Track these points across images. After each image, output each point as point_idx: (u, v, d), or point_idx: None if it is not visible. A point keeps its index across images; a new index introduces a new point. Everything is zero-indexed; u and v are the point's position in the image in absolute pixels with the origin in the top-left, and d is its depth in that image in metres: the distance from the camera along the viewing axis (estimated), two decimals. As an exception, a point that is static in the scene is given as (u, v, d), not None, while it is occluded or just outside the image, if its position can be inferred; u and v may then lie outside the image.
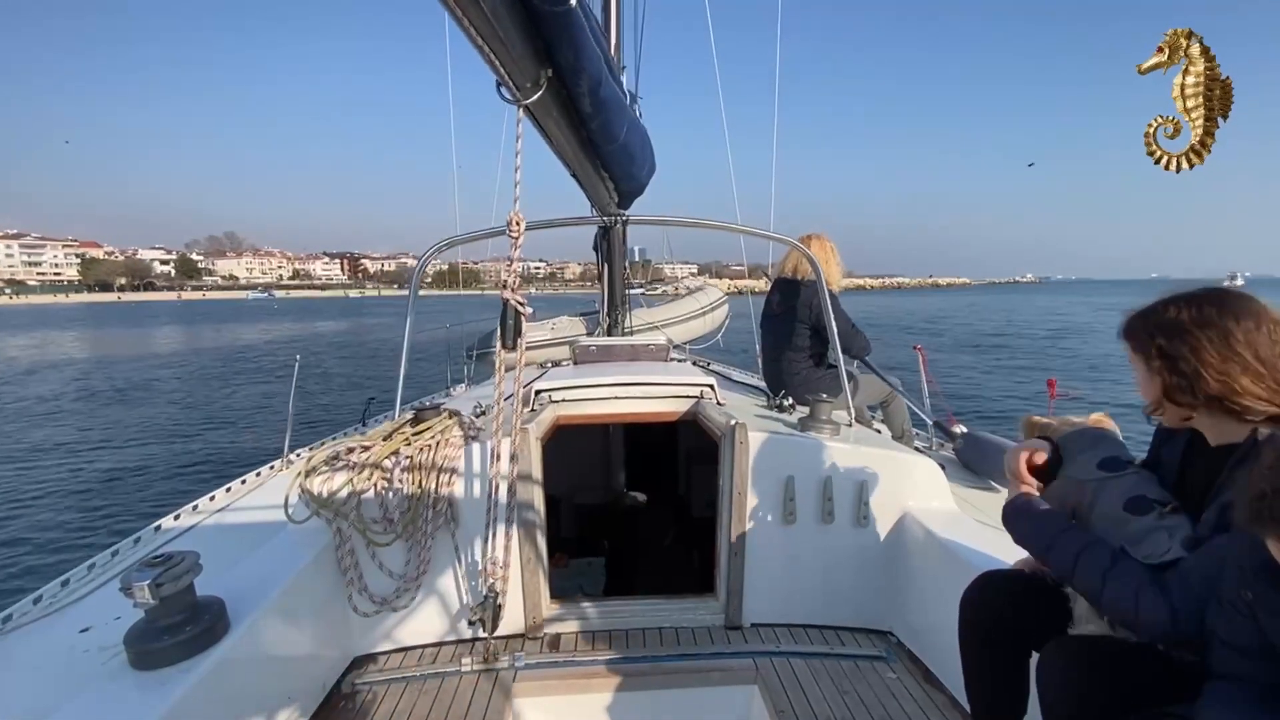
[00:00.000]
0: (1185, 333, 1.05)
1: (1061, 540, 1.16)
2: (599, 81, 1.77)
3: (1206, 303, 1.06)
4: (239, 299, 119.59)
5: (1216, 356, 1.02)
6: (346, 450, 1.99)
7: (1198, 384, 1.03)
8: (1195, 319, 1.05)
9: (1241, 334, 1.02)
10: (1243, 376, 1.00)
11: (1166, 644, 1.06)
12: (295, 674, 1.65)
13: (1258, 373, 1.00)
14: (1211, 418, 1.07)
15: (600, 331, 4.75)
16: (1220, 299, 1.07)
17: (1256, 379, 1.00)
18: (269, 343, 30.74)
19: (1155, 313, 1.12)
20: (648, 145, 3.19)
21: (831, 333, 2.94)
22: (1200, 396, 1.04)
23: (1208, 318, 1.04)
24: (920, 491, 2.14)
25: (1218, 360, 1.02)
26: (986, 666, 1.38)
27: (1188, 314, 1.06)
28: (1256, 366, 1.00)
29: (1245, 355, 1.01)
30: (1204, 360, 1.02)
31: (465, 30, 1.25)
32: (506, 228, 1.67)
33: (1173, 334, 1.07)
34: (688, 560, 3.09)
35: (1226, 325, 1.03)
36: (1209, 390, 1.03)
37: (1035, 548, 1.22)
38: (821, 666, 1.94)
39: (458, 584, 2.05)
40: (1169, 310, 1.09)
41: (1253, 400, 1.01)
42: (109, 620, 1.77)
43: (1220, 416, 1.06)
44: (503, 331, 1.66)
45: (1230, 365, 1.01)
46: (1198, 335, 1.04)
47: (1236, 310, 1.04)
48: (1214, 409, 1.05)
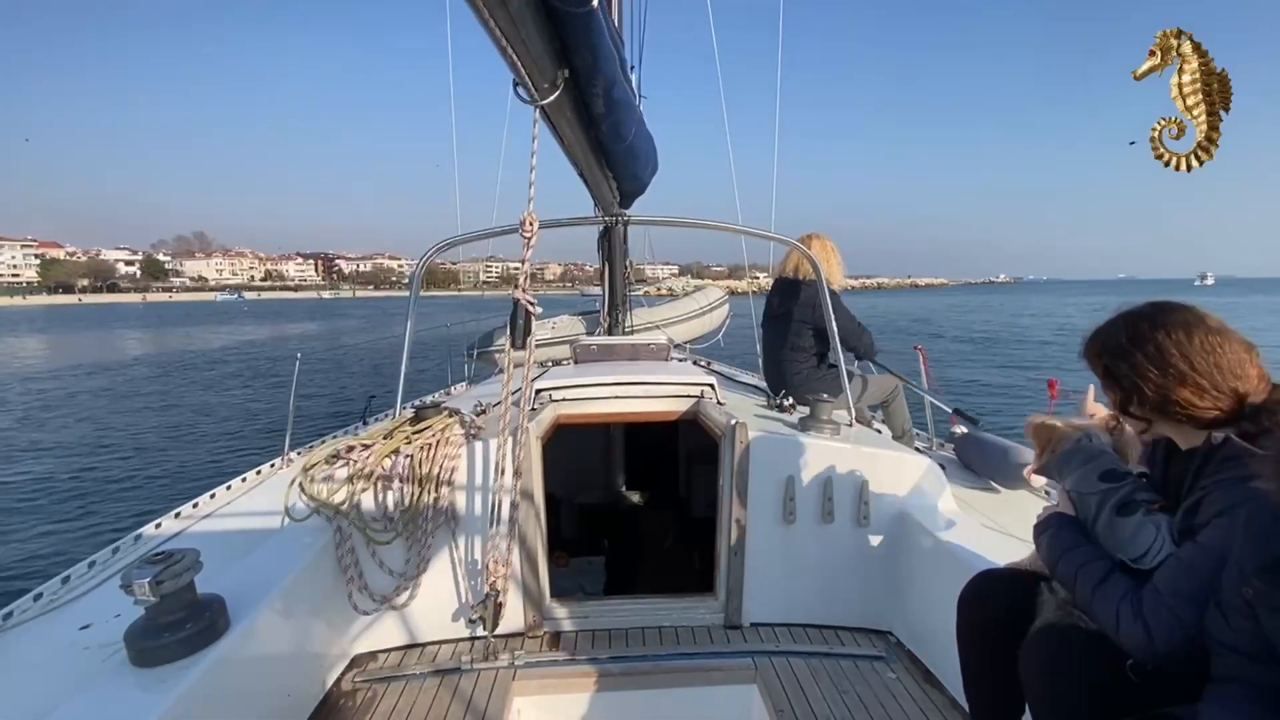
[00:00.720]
0: (1125, 352, 1.09)
1: (1070, 554, 1.18)
2: (613, 82, 1.77)
3: (1142, 319, 1.10)
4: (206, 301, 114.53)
5: (1155, 372, 1.06)
6: (346, 449, 1.99)
7: (1142, 398, 1.08)
8: (1132, 337, 1.09)
9: (1174, 348, 1.05)
10: (1181, 389, 1.04)
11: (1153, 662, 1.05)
12: (295, 672, 1.66)
13: (1196, 385, 1.03)
14: (1169, 426, 1.11)
15: (601, 331, 4.75)
16: (1154, 314, 1.10)
17: (1196, 391, 1.03)
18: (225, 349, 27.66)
19: (1100, 334, 1.16)
20: (652, 145, 3.20)
21: (832, 332, 2.94)
22: (1147, 409, 1.09)
23: (1141, 334, 1.08)
24: (920, 491, 2.14)
25: (1156, 376, 1.05)
26: (984, 665, 1.39)
27: (1125, 333, 1.10)
28: (1195, 378, 1.03)
29: (1181, 368, 1.04)
30: (1144, 376, 1.07)
31: (490, 31, 1.26)
32: (520, 227, 1.66)
33: (1115, 354, 1.11)
34: (688, 560, 3.09)
35: (1160, 341, 1.06)
36: (1152, 404, 1.07)
37: (1050, 559, 1.24)
38: (821, 666, 1.94)
39: (458, 582, 2.05)
40: (1110, 330, 1.14)
41: (1197, 411, 1.04)
42: (109, 618, 1.77)
43: (1175, 425, 1.09)
44: (512, 330, 1.66)
45: (1168, 379, 1.05)
46: (1134, 353, 1.08)
47: (1169, 324, 1.07)
48: (1166, 419, 1.09)
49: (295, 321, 50.05)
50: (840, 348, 3.03)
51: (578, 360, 3.21)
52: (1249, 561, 0.85)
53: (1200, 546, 0.99)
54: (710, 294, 7.31)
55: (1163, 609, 0.99)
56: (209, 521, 2.49)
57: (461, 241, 3.10)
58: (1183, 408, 1.05)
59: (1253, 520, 0.86)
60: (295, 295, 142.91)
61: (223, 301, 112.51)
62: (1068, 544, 1.20)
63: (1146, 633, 1.00)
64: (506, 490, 1.90)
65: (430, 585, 2.02)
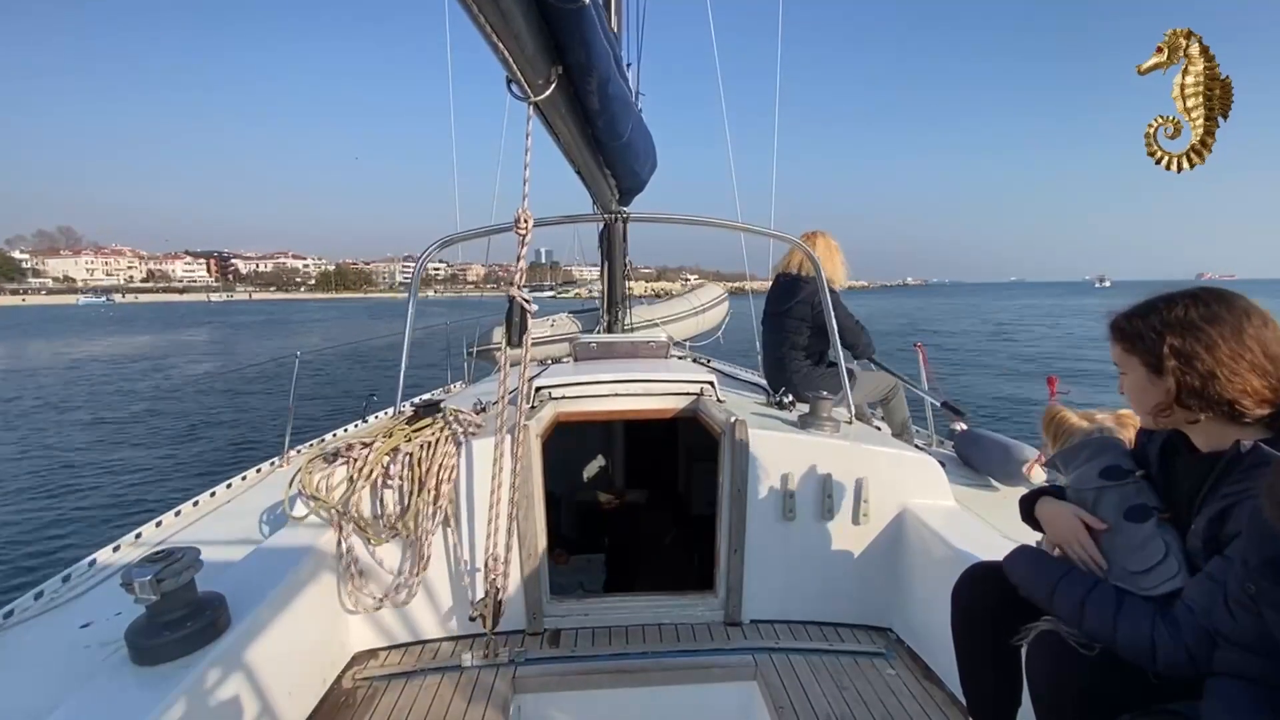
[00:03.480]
0: (1199, 330, 1.01)
1: (1065, 586, 1.12)
2: (607, 79, 1.77)
3: (1212, 300, 1.03)
4: (63, 305, 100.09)
5: (1228, 354, 0.98)
6: (346, 447, 1.99)
7: (1212, 384, 0.99)
8: (1205, 315, 1.01)
9: (1252, 330, 0.99)
10: (1251, 375, 0.98)
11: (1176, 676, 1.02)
12: (295, 670, 1.66)
13: (1265, 370, 0.98)
14: (1213, 423, 1.04)
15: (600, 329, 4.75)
16: (1222, 296, 1.03)
17: (1263, 376, 0.98)
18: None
19: (1157, 311, 1.07)
20: (650, 142, 3.20)
21: (832, 330, 2.94)
22: (1213, 397, 1.00)
23: (1217, 314, 1.01)
24: (920, 489, 2.14)
25: (1229, 358, 0.98)
26: (979, 658, 1.39)
27: (1197, 311, 1.02)
28: (1264, 364, 0.98)
29: (1256, 351, 0.98)
30: (1218, 358, 0.99)
31: (480, 27, 1.25)
32: (514, 224, 1.66)
33: (1186, 332, 1.01)
34: (688, 557, 3.09)
35: (1239, 322, 1.00)
36: (1222, 390, 0.99)
37: (1038, 595, 1.17)
38: (820, 663, 1.94)
39: (458, 581, 2.05)
40: (1175, 308, 1.04)
41: (1254, 403, 0.98)
42: (110, 616, 1.78)
43: (1220, 422, 1.03)
44: (509, 328, 1.66)
45: (1240, 363, 0.98)
46: (1210, 332, 1.00)
47: (1245, 307, 1.02)
48: (1219, 413, 1.01)
49: (143, 333, 39.75)
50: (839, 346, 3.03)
51: (577, 358, 3.21)
52: (1253, 557, 0.85)
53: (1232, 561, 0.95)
54: (710, 292, 7.32)
55: (1200, 630, 0.95)
56: (209, 520, 2.49)
57: (461, 239, 3.09)
58: (1247, 396, 0.97)
59: (1256, 516, 0.85)
60: (181, 298, 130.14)
61: (85, 305, 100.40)
62: (1054, 574, 1.14)
63: (1189, 657, 0.95)
64: (506, 488, 1.90)
65: (430, 583, 2.03)
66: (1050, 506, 1.29)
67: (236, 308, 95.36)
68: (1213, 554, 0.98)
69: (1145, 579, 1.07)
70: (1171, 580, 1.04)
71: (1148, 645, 0.99)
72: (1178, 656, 0.97)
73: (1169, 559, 1.05)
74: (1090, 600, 1.08)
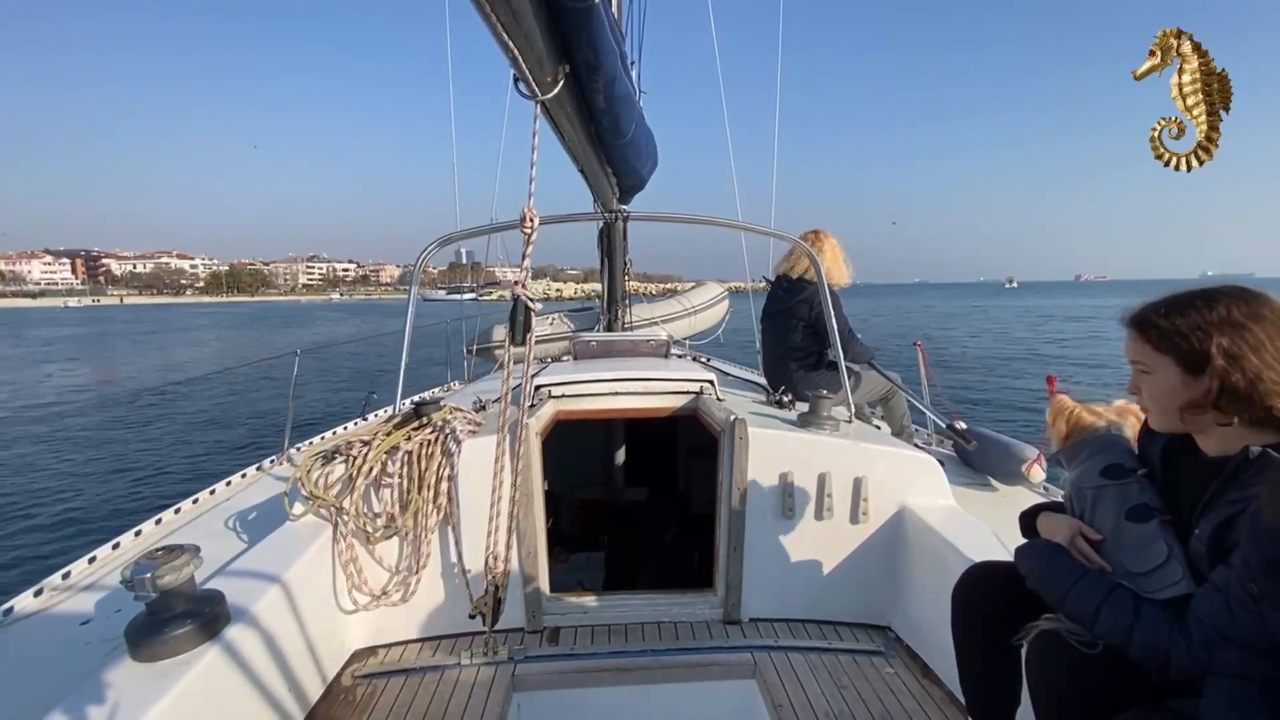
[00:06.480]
0: (1246, 329, 0.95)
1: (1081, 588, 1.10)
2: (613, 77, 1.77)
3: (1250, 298, 0.98)
4: None
5: (1275, 355, 0.94)
6: (346, 444, 1.99)
7: (1257, 387, 0.94)
8: (1249, 314, 0.96)
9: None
10: None
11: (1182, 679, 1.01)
12: (295, 667, 1.66)
13: None
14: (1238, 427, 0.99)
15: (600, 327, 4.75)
16: (1257, 294, 0.98)
17: None
18: None
19: (1196, 308, 1.00)
20: (652, 141, 3.20)
21: (831, 330, 2.94)
22: (1255, 399, 0.94)
23: (1259, 313, 0.96)
24: (919, 488, 2.14)
25: (1276, 359, 0.94)
26: (978, 657, 1.39)
27: (1239, 310, 0.97)
28: None
29: None
30: (1265, 360, 0.93)
31: (491, 26, 1.25)
32: (520, 223, 1.66)
33: (1234, 331, 0.96)
34: (687, 555, 3.09)
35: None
36: (1266, 393, 0.94)
37: (1051, 591, 1.16)
38: (819, 661, 1.95)
39: (457, 578, 2.05)
40: (1218, 306, 0.99)
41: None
42: (110, 613, 1.78)
43: (1245, 426, 0.98)
44: (513, 326, 1.66)
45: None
46: (1257, 332, 0.95)
47: None
48: (1253, 417, 0.96)
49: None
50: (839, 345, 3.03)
51: (577, 356, 3.21)
52: (1254, 556, 0.85)
53: None
54: (710, 290, 7.32)
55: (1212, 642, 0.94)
56: (209, 517, 2.49)
57: (461, 237, 3.09)
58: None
59: (1257, 516, 0.85)
60: (33, 303, 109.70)
61: None
62: (1071, 574, 1.13)
63: (1201, 666, 0.95)
64: (506, 486, 1.91)
65: (430, 581, 2.03)
66: (1050, 521, 1.29)
67: (88, 314, 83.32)
68: (1217, 561, 0.97)
69: (1148, 581, 1.06)
70: (1175, 585, 1.03)
71: (1163, 654, 0.98)
72: (1191, 666, 0.96)
73: (1172, 562, 1.05)
74: (1107, 605, 1.06)
